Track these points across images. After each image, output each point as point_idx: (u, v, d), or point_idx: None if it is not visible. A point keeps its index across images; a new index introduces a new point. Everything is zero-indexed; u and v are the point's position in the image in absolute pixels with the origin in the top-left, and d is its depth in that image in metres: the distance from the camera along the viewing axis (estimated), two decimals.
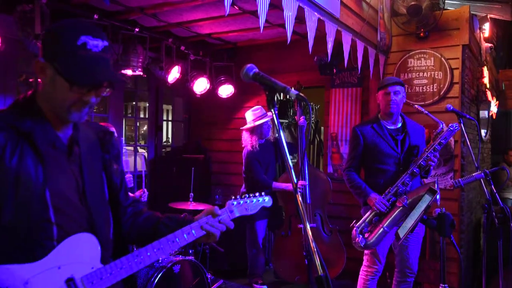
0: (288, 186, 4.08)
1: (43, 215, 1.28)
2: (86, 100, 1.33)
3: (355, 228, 3.12)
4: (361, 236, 3.07)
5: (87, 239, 1.38)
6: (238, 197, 1.68)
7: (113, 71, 1.40)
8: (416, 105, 3.41)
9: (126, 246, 1.60)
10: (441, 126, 3.27)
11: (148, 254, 1.44)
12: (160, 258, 3.07)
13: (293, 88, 1.86)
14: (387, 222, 3.05)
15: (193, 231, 1.53)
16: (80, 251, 1.35)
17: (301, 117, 4.23)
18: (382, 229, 3.05)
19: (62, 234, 1.32)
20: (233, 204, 1.65)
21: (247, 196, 1.71)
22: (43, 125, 1.34)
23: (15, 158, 1.27)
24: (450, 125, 3.22)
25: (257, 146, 4.25)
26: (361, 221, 3.15)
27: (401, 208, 3.04)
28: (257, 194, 1.73)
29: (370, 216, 3.14)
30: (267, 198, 1.76)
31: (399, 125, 3.34)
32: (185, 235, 1.51)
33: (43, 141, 1.33)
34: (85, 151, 1.44)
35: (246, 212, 1.68)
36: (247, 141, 4.31)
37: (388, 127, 3.31)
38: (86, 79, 1.29)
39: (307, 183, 4.11)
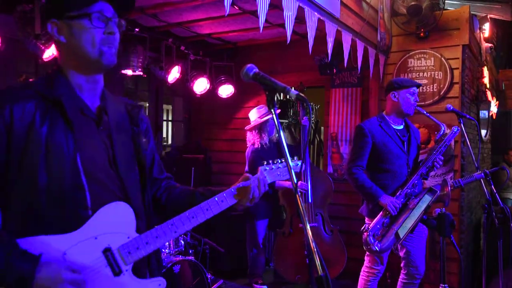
0: (291, 184, 4.07)
1: (75, 180, 1.28)
2: (110, 31, 1.36)
3: (367, 233, 3.00)
4: (376, 241, 2.98)
5: (122, 208, 1.37)
6: (270, 162, 1.66)
7: None
8: (416, 107, 3.39)
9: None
10: (443, 128, 3.25)
11: (182, 222, 1.44)
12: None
13: (293, 88, 1.86)
14: (400, 225, 2.98)
15: (226, 198, 1.53)
16: (116, 221, 1.34)
17: (304, 117, 4.22)
18: (395, 231, 2.96)
19: (97, 202, 1.31)
20: (265, 169, 1.65)
21: (279, 161, 1.69)
22: (70, 93, 1.36)
23: (45, 125, 1.27)
24: (453, 127, 3.22)
25: (267, 141, 4.23)
26: (373, 224, 3.03)
27: (414, 208, 3.01)
28: (292, 158, 1.71)
29: (382, 219, 3.04)
30: (299, 163, 1.74)
31: (403, 125, 3.31)
32: (218, 202, 1.51)
33: (72, 107, 1.34)
34: (113, 121, 1.44)
35: (278, 177, 1.67)
36: (255, 138, 4.28)
37: (395, 127, 3.25)
38: None
39: (308, 184, 4.10)
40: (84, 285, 1.25)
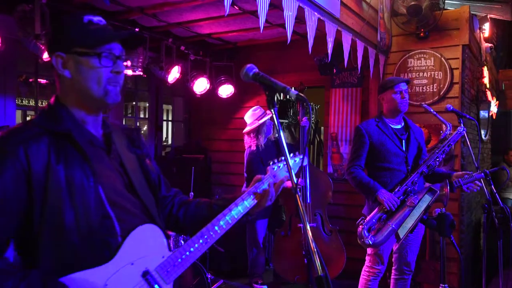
0: (288, 184, 4.07)
1: (101, 211, 1.28)
2: (117, 71, 1.35)
3: (362, 226, 3.03)
4: (369, 234, 3.00)
5: (150, 229, 1.38)
6: (275, 161, 1.67)
7: (127, 31, 1.45)
8: (424, 105, 3.39)
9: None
10: (448, 127, 3.26)
11: (211, 233, 1.46)
12: None
13: (293, 88, 1.86)
14: (396, 221, 2.99)
15: (245, 202, 1.55)
16: (147, 243, 1.35)
17: (304, 118, 4.22)
18: (391, 227, 2.98)
19: (125, 228, 1.32)
20: (274, 168, 1.65)
21: (283, 158, 1.69)
22: (76, 125, 1.35)
23: (61, 161, 1.26)
24: (458, 128, 3.24)
25: (263, 143, 4.24)
26: (368, 218, 3.06)
27: (412, 207, 3.01)
28: (291, 154, 1.71)
29: (378, 213, 3.07)
30: (300, 156, 1.75)
31: (402, 124, 3.34)
32: (240, 208, 1.53)
33: (82, 140, 1.33)
34: (120, 147, 1.46)
35: (287, 173, 1.66)
36: (252, 141, 4.29)
37: (393, 126, 3.29)
38: (111, 36, 1.35)
39: (307, 184, 4.10)
40: None
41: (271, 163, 1.66)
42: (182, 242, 3.57)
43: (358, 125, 3.36)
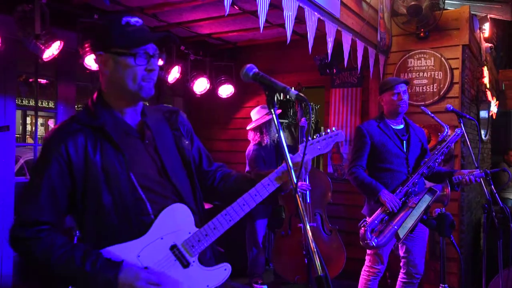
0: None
1: (135, 194, 1.46)
2: (151, 69, 1.49)
3: (365, 228, 3.01)
4: (373, 236, 2.99)
5: (179, 208, 1.53)
6: (309, 138, 1.69)
7: (161, 33, 1.58)
8: (422, 107, 3.38)
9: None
10: (446, 129, 3.27)
11: (235, 210, 1.56)
12: None
13: (292, 88, 1.86)
14: (398, 222, 2.99)
15: (271, 182, 1.61)
16: (176, 220, 1.51)
17: (302, 118, 4.22)
18: (393, 228, 2.97)
19: (157, 208, 1.49)
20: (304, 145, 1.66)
21: (318, 135, 1.72)
22: (113, 118, 1.52)
23: (97, 153, 1.45)
24: (456, 129, 3.25)
25: (268, 141, 4.24)
26: (371, 219, 3.04)
27: (413, 208, 3.01)
28: (328, 131, 1.71)
29: (381, 215, 3.05)
30: (338, 133, 1.75)
31: (403, 125, 3.33)
32: (265, 186, 1.60)
33: (116, 131, 1.50)
34: (156, 132, 1.59)
35: (319, 151, 1.70)
36: (256, 137, 4.28)
37: (394, 127, 3.28)
38: (146, 39, 1.48)
39: (307, 184, 4.10)
40: (159, 280, 1.42)
41: (304, 140, 1.65)
42: None
43: (359, 125, 3.35)
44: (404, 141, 3.27)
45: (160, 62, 4.33)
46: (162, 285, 1.43)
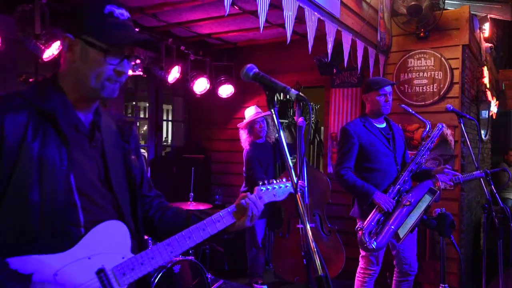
0: None
1: (68, 198, 1.24)
2: (120, 71, 1.31)
3: (362, 231, 2.97)
4: (372, 239, 2.96)
5: (116, 226, 1.32)
6: (266, 182, 1.62)
7: (143, 35, 1.39)
8: (403, 106, 3.39)
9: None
10: (428, 126, 3.29)
11: (179, 242, 1.39)
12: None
13: (292, 88, 1.86)
14: (395, 221, 2.97)
15: (223, 218, 1.49)
16: (110, 240, 1.29)
17: (300, 118, 4.22)
18: (390, 228, 2.95)
19: (89, 220, 1.27)
20: (262, 190, 1.59)
21: (274, 181, 1.65)
22: (65, 107, 1.30)
23: (37, 139, 1.22)
24: (438, 124, 3.29)
25: (255, 142, 4.29)
26: (367, 222, 3.00)
27: (408, 206, 3.01)
28: (284, 179, 1.66)
29: (376, 215, 3.02)
30: (288, 184, 1.69)
31: (385, 124, 3.33)
32: (215, 222, 1.47)
33: (66, 123, 1.28)
34: (106, 138, 1.40)
35: (274, 198, 1.62)
36: (246, 137, 4.33)
37: (378, 126, 3.27)
38: (121, 40, 1.29)
39: (305, 183, 4.10)
40: None
41: (260, 183, 1.61)
42: None
43: (345, 126, 3.27)
44: (390, 139, 3.26)
45: (130, 72, 4.21)
46: None
